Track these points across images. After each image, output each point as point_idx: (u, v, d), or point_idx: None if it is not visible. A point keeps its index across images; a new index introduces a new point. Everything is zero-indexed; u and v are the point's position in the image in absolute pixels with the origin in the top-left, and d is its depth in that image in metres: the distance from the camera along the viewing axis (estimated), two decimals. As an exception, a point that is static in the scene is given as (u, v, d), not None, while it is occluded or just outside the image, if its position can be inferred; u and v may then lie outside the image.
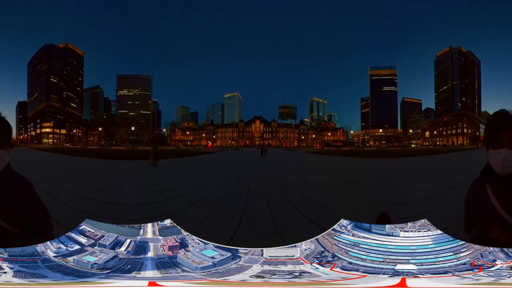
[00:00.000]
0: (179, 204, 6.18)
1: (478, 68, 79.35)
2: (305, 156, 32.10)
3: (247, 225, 4.63)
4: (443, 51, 79.20)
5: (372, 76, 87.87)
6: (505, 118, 1.62)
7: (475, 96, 79.59)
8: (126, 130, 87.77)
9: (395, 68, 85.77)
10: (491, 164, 1.65)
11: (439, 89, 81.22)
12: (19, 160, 15.08)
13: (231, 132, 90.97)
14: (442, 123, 79.31)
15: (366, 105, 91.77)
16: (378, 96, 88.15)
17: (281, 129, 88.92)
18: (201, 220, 4.82)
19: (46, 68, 77.52)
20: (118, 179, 10.97)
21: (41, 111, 78.65)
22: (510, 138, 1.57)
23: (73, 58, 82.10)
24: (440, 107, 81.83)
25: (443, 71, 79.81)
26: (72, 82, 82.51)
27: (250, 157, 27.92)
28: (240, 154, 33.24)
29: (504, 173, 1.61)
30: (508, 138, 1.58)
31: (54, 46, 78.15)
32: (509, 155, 1.57)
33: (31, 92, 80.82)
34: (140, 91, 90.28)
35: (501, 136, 1.59)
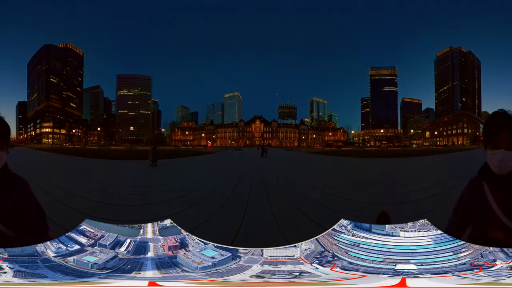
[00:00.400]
0: (178, 206, 6.19)
1: (478, 69, 79.52)
2: (306, 157, 31.25)
3: (248, 228, 4.63)
4: (443, 51, 79.30)
5: (372, 76, 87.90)
6: (502, 118, 1.62)
7: (475, 96, 79.76)
8: (126, 130, 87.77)
9: (395, 68, 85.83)
10: (489, 164, 1.65)
11: (440, 89, 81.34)
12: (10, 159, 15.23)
13: (231, 132, 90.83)
14: (443, 123, 79.45)
15: (366, 105, 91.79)
16: (379, 96, 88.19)
17: (281, 129, 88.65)
18: (201, 222, 4.82)
19: (46, 68, 77.54)
20: (116, 180, 10.99)
21: (41, 111, 78.66)
22: (508, 139, 1.58)
23: (73, 58, 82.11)
24: (441, 107, 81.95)
25: (443, 71, 79.93)
26: (72, 82, 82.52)
27: (250, 157, 27.29)
28: (240, 155, 32.31)
29: (502, 173, 1.61)
30: (506, 139, 1.58)
31: (53, 46, 78.17)
32: (506, 156, 1.57)
33: (31, 92, 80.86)
34: (140, 91, 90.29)
35: (498, 136, 1.60)
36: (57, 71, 79.08)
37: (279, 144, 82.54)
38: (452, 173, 12.94)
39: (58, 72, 79.18)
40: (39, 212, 1.80)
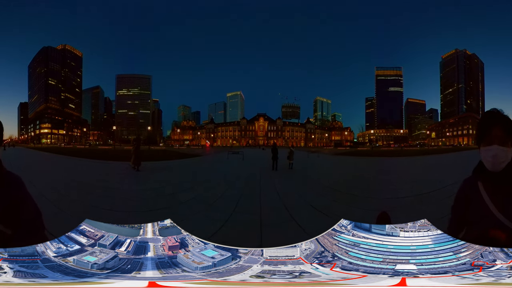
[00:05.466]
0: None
1: (481, 71, 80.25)
2: (347, 161, 23.48)
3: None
4: (449, 53, 80.00)
5: (378, 76, 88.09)
6: (495, 116, 1.66)
7: (479, 98, 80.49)
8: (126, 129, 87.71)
9: (400, 68, 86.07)
10: (483, 162, 1.68)
11: (445, 91, 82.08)
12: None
13: (232, 130, 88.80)
14: (448, 124, 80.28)
15: (371, 105, 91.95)
16: (384, 97, 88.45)
17: (287, 127, 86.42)
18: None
19: (45, 71, 77.79)
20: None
21: (40, 112, 78.84)
22: (500, 135, 1.61)
23: (71, 59, 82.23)
24: (446, 109, 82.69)
25: (449, 74, 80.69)
26: (70, 84, 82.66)
27: (253, 165, 18.28)
28: (238, 160, 21.90)
29: (496, 170, 1.63)
30: (498, 134, 1.61)
31: (52, 48, 78.33)
32: (499, 151, 1.60)
33: (32, 94, 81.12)
34: (140, 90, 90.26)
35: (491, 133, 1.63)
36: (56, 73, 79.22)
37: (284, 143, 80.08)
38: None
39: (56, 74, 79.33)
40: (36, 211, 1.79)
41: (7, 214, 1.66)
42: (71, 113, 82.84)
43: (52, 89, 79.29)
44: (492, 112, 1.67)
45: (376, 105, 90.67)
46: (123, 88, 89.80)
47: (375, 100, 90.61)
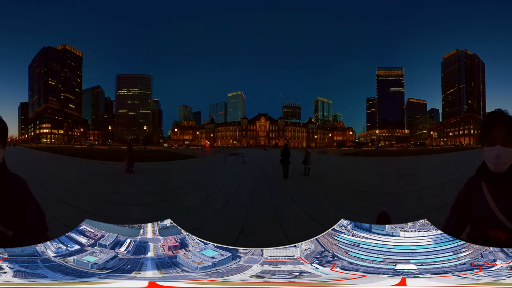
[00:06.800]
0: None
1: (482, 71, 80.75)
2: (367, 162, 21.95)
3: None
4: (450, 53, 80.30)
5: (379, 76, 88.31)
6: (499, 117, 1.64)
7: (480, 98, 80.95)
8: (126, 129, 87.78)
9: (402, 69, 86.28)
10: (486, 162, 1.66)
11: (446, 91, 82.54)
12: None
13: (233, 130, 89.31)
14: (450, 124, 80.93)
15: (372, 105, 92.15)
16: (386, 97, 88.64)
17: (289, 127, 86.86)
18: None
19: (45, 71, 77.97)
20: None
21: (40, 112, 79.10)
22: (503, 135, 1.60)
23: (72, 59, 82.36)
24: (447, 109, 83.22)
25: (450, 74, 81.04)
26: (70, 84, 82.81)
27: (256, 171, 14.46)
28: (240, 164, 17.58)
29: (499, 171, 1.62)
30: (501, 135, 1.60)
31: (52, 48, 78.47)
32: (502, 151, 1.59)
33: (32, 94, 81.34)
34: (140, 90, 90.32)
35: (494, 133, 1.62)
36: (56, 74, 79.39)
37: (285, 143, 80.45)
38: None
39: (56, 74, 79.50)
40: (39, 211, 1.79)
41: (10, 216, 1.65)
42: (71, 113, 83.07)
43: (52, 89, 79.48)
44: (495, 113, 1.66)
45: (378, 105, 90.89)
46: (123, 88, 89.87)
47: (376, 100, 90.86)
